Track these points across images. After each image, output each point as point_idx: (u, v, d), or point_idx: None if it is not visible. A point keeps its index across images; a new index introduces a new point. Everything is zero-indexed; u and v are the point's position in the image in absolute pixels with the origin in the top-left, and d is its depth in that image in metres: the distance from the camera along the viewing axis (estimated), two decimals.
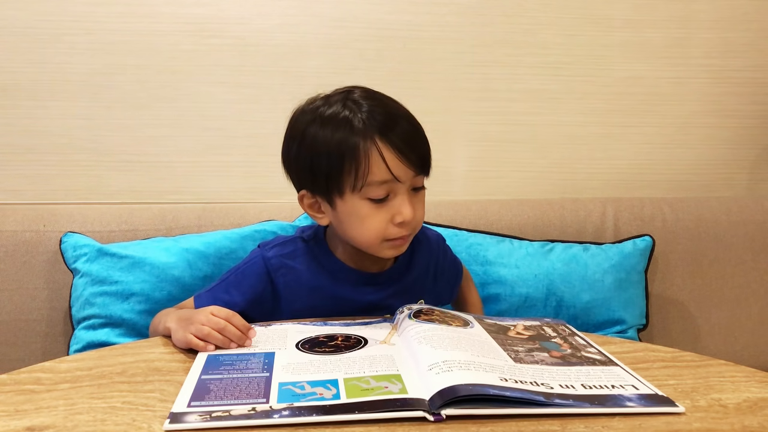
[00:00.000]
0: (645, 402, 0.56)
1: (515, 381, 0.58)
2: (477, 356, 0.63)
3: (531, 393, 0.56)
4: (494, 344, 0.69)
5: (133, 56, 1.31)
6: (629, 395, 0.57)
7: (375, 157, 0.77)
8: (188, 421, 0.53)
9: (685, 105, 1.46)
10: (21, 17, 1.27)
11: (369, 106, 0.79)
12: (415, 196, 0.82)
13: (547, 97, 1.42)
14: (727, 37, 1.44)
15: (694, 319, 1.28)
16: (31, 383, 0.62)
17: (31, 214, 1.19)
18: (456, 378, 0.57)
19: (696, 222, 1.29)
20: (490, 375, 0.58)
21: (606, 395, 0.57)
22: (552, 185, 1.46)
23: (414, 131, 0.81)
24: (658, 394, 0.57)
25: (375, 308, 0.86)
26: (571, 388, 0.58)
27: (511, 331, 0.75)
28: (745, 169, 1.51)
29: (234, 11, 1.32)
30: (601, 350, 0.69)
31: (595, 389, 0.58)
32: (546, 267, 1.17)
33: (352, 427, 0.52)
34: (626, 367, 0.64)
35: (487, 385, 0.56)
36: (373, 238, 0.81)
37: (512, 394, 0.55)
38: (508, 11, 1.39)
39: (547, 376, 0.61)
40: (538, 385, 0.58)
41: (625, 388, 0.58)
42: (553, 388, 0.58)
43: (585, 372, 0.62)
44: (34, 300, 1.15)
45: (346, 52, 1.36)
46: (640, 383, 0.60)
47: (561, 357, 0.66)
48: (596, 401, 0.56)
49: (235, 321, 0.72)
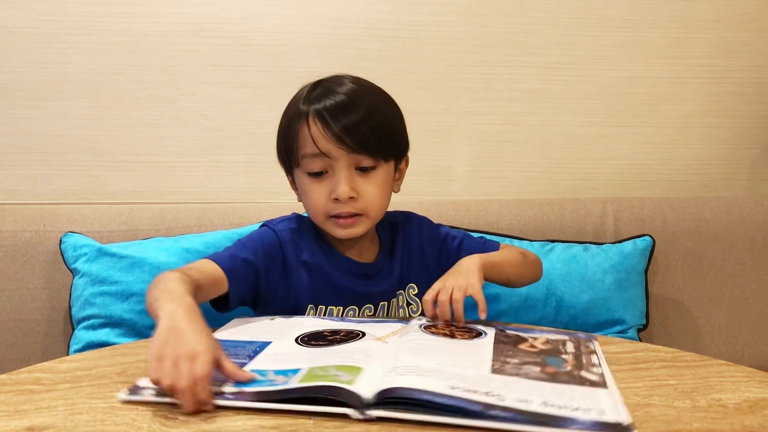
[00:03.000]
0: (595, 428, 0.50)
1: (465, 390, 0.54)
2: (448, 365, 0.61)
3: (467, 402, 0.52)
4: (487, 354, 0.66)
5: (133, 56, 1.31)
6: (583, 419, 0.51)
7: (304, 131, 0.81)
8: (142, 394, 0.57)
9: (685, 105, 1.46)
10: (21, 17, 1.27)
11: (323, 86, 0.83)
12: (362, 177, 0.83)
13: (547, 97, 1.42)
14: (728, 37, 1.44)
15: (694, 319, 1.28)
16: (31, 383, 0.62)
17: (31, 214, 1.19)
18: (403, 381, 0.55)
19: (696, 222, 1.29)
20: (440, 382, 0.55)
21: (554, 416, 0.51)
22: (552, 185, 1.46)
23: (352, 110, 0.80)
24: (621, 424, 0.51)
25: (369, 296, 0.88)
26: (524, 403, 0.53)
27: (525, 344, 0.71)
28: (745, 169, 1.51)
29: (234, 11, 1.32)
30: (605, 372, 0.63)
31: (551, 408, 0.53)
32: (546, 267, 1.16)
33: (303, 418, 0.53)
34: (616, 392, 0.58)
35: (425, 391, 0.53)
36: (317, 213, 0.84)
37: (444, 401, 0.52)
38: (508, 11, 1.39)
39: (509, 388, 0.56)
40: (488, 396, 0.54)
41: (588, 412, 0.52)
42: (504, 401, 0.53)
43: (560, 390, 0.57)
44: (34, 300, 1.15)
45: (346, 52, 1.36)
46: (613, 409, 0.53)
47: (552, 373, 0.62)
48: (539, 420, 0.51)
49: (224, 370, 0.59)
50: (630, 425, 0.50)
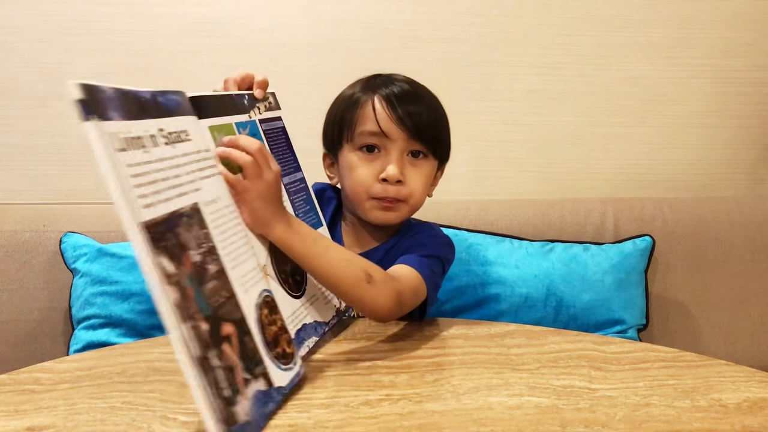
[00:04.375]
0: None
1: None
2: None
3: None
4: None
5: (133, 56, 1.31)
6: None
7: (367, 109, 0.83)
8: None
9: (685, 105, 1.46)
10: (21, 17, 1.27)
11: (382, 78, 0.87)
12: (411, 164, 0.84)
13: (547, 97, 1.42)
14: (728, 37, 1.43)
15: (694, 319, 1.28)
16: (31, 383, 0.62)
17: (31, 214, 1.19)
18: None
19: (696, 222, 1.29)
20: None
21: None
22: (552, 185, 1.46)
23: (416, 99, 0.84)
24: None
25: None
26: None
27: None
28: (745, 169, 1.51)
29: (234, 11, 1.32)
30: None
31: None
32: (546, 267, 1.17)
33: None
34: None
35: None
36: (360, 192, 0.84)
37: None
38: (508, 11, 1.39)
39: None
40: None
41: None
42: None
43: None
44: (34, 300, 1.15)
45: (346, 52, 1.36)
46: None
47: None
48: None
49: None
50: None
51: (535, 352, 0.71)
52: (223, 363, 0.50)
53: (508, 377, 0.64)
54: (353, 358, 0.69)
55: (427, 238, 0.88)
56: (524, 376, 0.64)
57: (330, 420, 0.54)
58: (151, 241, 0.46)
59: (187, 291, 0.48)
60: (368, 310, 0.72)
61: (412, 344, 0.74)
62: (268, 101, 0.79)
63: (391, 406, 0.57)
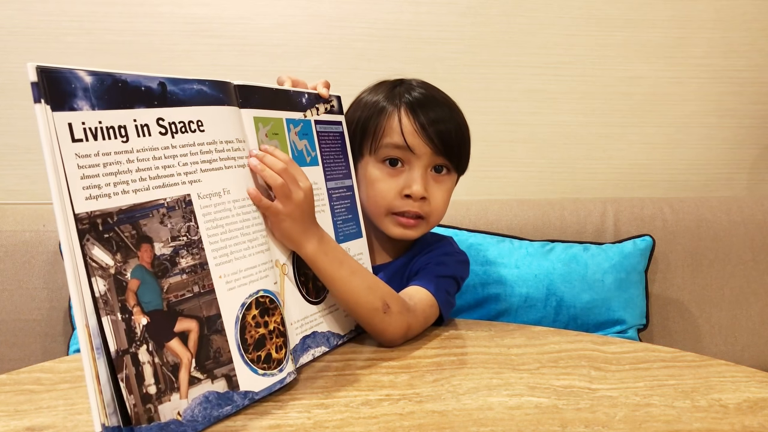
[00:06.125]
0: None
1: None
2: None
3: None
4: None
5: (133, 56, 1.31)
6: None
7: (393, 120, 0.81)
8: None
9: (685, 105, 1.46)
10: (21, 17, 1.27)
11: (410, 83, 0.85)
12: (434, 180, 0.83)
13: (547, 97, 1.42)
14: (728, 37, 1.44)
15: (694, 319, 1.28)
16: (31, 383, 0.62)
17: (31, 214, 1.19)
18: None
19: (696, 222, 1.29)
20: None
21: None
22: (552, 185, 1.46)
23: (442, 111, 0.82)
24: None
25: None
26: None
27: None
28: (745, 169, 1.51)
29: (234, 11, 1.32)
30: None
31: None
32: (546, 267, 1.17)
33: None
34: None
35: None
36: (380, 206, 0.82)
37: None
38: (508, 11, 1.39)
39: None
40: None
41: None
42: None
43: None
44: (34, 300, 1.15)
45: (346, 52, 1.36)
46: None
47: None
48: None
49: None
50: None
51: (535, 352, 0.71)
52: (160, 359, 0.48)
53: (508, 377, 0.64)
54: (353, 358, 0.69)
55: (445, 256, 0.87)
56: (524, 376, 0.64)
57: (330, 420, 0.54)
58: (80, 232, 0.45)
59: (126, 284, 0.47)
60: (375, 335, 0.73)
61: (412, 344, 0.74)
62: (330, 104, 0.77)
63: (391, 406, 0.57)
